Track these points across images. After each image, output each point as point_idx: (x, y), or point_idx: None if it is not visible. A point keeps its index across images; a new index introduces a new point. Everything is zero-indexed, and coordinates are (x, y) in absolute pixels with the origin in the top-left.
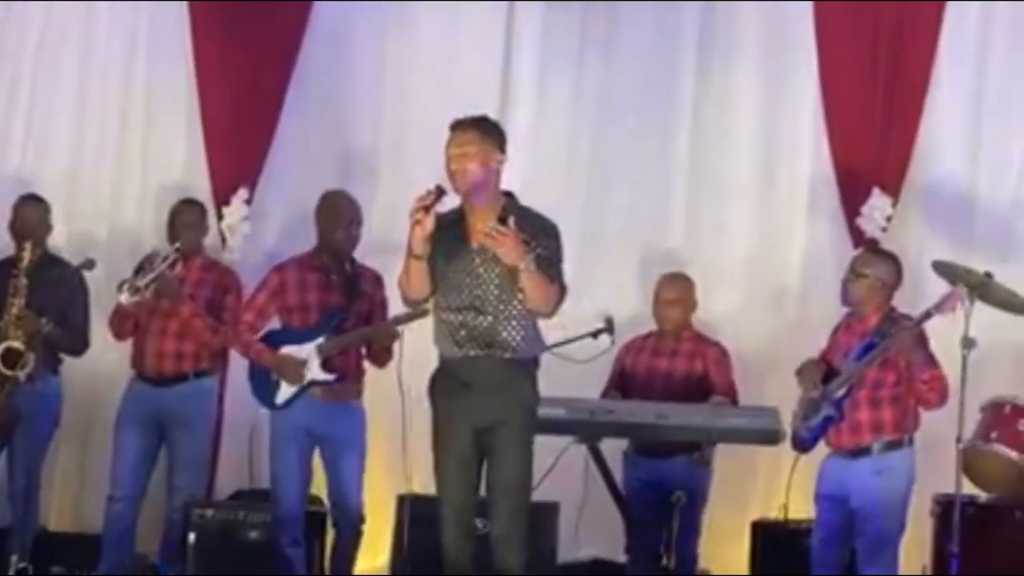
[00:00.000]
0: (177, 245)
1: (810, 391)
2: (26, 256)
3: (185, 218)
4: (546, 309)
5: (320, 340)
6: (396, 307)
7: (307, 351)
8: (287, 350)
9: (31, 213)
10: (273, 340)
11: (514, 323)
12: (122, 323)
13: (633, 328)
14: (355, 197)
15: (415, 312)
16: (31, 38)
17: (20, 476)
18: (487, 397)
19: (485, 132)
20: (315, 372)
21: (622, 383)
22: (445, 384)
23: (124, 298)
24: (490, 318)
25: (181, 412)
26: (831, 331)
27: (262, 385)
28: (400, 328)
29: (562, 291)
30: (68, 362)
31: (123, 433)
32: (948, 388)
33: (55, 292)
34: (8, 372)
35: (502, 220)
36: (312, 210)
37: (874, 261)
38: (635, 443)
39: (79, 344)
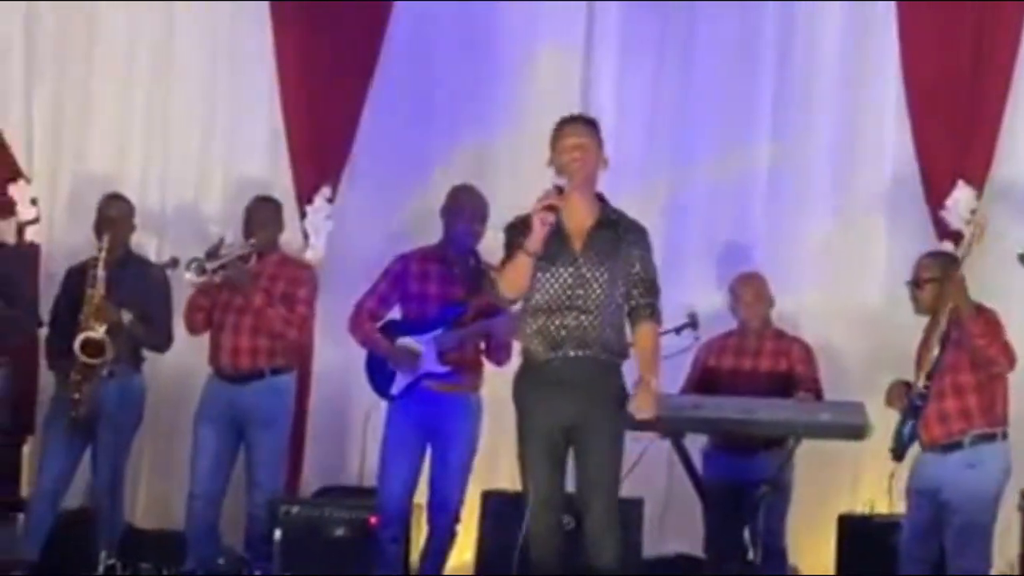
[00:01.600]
0: (252, 240)
1: (901, 403)
2: (104, 248)
3: (260, 215)
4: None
5: (437, 332)
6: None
7: (424, 342)
8: (404, 340)
9: (114, 211)
10: (391, 330)
11: (615, 324)
12: (193, 315)
13: (715, 326)
14: (483, 193)
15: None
16: (112, 40)
17: (105, 472)
18: (577, 394)
19: (595, 130)
20: (430, 364)
21: (704, 382)
22: (533, 383)
23: (189, 276)
24: (591, 318)
25: (258, 410)
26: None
27: (378, 374)
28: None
29: (660, 320)
30: (151, 359)
31: (202, 431)
32: (1012, 348)
33: (138, 289)
34: (90, 361)
35: (602, 223)
36: (395, 207)
37: (932, 264)
38: (717, 439)
39: (161, 340)
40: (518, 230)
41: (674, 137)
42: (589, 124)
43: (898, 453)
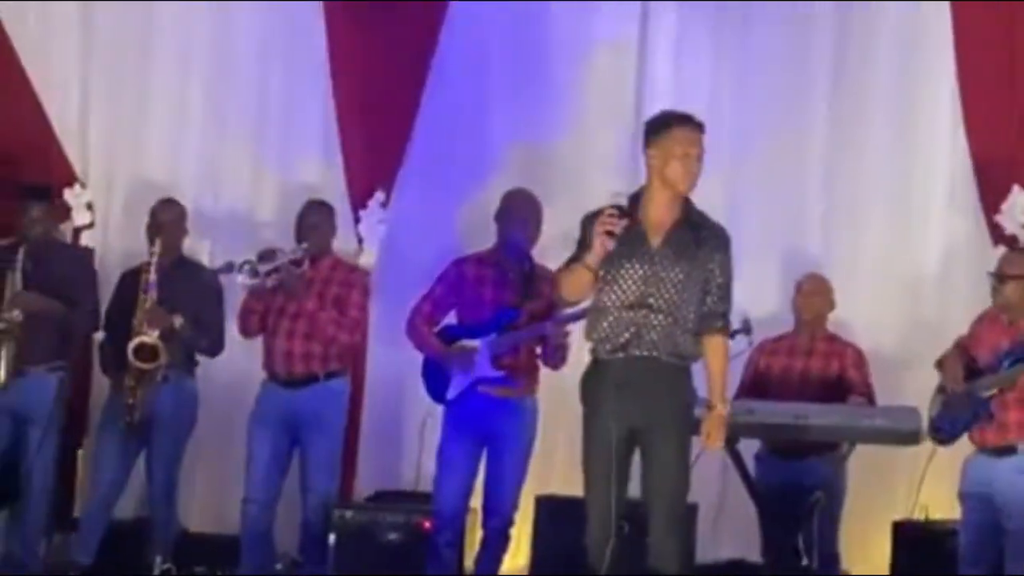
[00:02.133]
0: (304, 245)
1: (953, 384)
2: (156, 252)
3: (312, 219)
4: None
5: (492, 336)
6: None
7: (478, 347)
8: (460, 345)
9: (167, 216)
10: (447, 335)
11: (688, 328)
12: (246, 317)
13: (771, 329)
14: (539, 198)
15: (585, 311)
16: (166, 45)
17: (159, 477)
18: (645, 398)
19: (703, 131)
20: (485, 368)
21: (756, 384)
22: (600, 384)
23: (242, 279)
24: (664, 318)
25: (312, 414)
26: (974, 321)
27: (434, 379)
28: (571, 327)
29: (729, 330)
30: (205, 364)
31: (256, 435)
32: None
33: (191, 294)
34: (143, 366)
35: (683, 223)
36: (449, 211)
37: (1015, 261)
38: (770, 444)
39: (214, 345)
40: (593, 224)
41: (729, 138)
42: (700, 128)
43: (941, 440)
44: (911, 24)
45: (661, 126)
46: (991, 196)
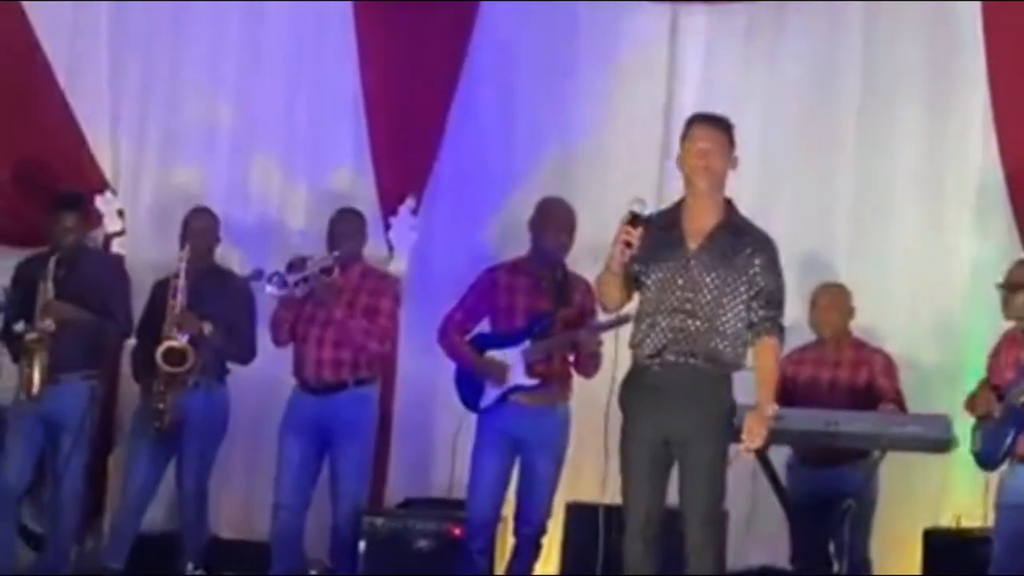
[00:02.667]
0: (335, 253)
1: (988, 410)
2: (185, 258)
3: (343, 227)
4: None
5: (525, 345)
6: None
7: (512, 355)
8: (492, 353)
9: (199, 224)
10: (480, 343)
11: (727, 335)
12: (278, 326)
13: (801, 336)
14: (571, 205)
15: (617, 319)
16: (196, 53)
17: (190, 483)
18: (684, 406)
19: (728, 131)
20: (518, 376)
21: (784, 394)
22: (639, 391)
23: (271, 290)
24: (701, 323)
25: (342, 421)
26: (990, 354)
27: (467, 387)
28: (603, 335)
29: (782, 339)
30: (236, 371)
31: (286, 442)
32: None
33: (222, 301)
34: (172, 370)
35: (722, 227)
36: (480, 218)
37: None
38: (800, 451)
39: (245, 352)
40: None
41: (758, 143)
42: (721, 125)
43: (993, 464)
44: (941, 27)
45: (685, 128)
46: (1021, 204)
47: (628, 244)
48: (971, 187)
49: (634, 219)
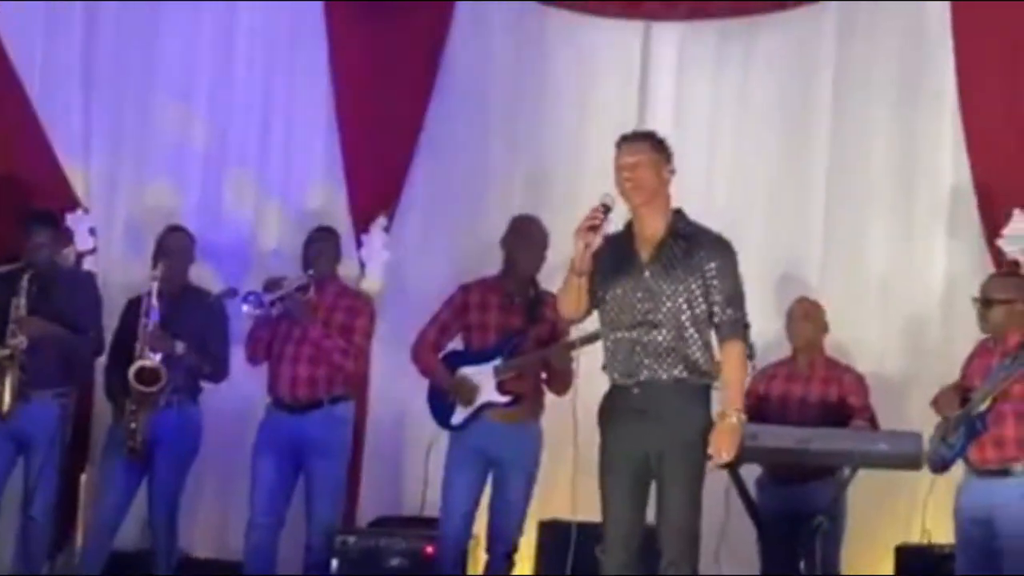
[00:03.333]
0: (310, 272)
1: (949, 413)
2: (157, 277)
3: (318, 246)
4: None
5: (497, 362)
6: (577, 333)
7: (484, 373)
8: (464, 371)
9: (173, 242)
10: (452, 361)
11: (697, 341)
12: (253, 345)
13: (774, 353)
14: (544, 223)
15: (588, 336)
16: (170, 71)
17: (162, 502)
18: (662, 423)
19: (655, 144)
20: (490, 394)
21: (756, 410)
22: (617, 410)
23: (247, 309)
24: (666, 332)
25: (317, 439)
26: (965, 361)
27: (439, 404)
28: (575, 353)
29: (747, 340)
30: (209, 390)
31: (260, 460)
32: None
33: (195, 320)
34: (144, 389)
35: (672, 235)
36: (453, 236)
37: (1006, 285)
38: (771, 468)
39: (218, 371)
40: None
41: (732, 157)
42: (645, 139)
43: (940, 467)
44: (913, 46)
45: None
46: (993, 220)
47: (594, 228)
48: (943, 200)
49: (605, 209)
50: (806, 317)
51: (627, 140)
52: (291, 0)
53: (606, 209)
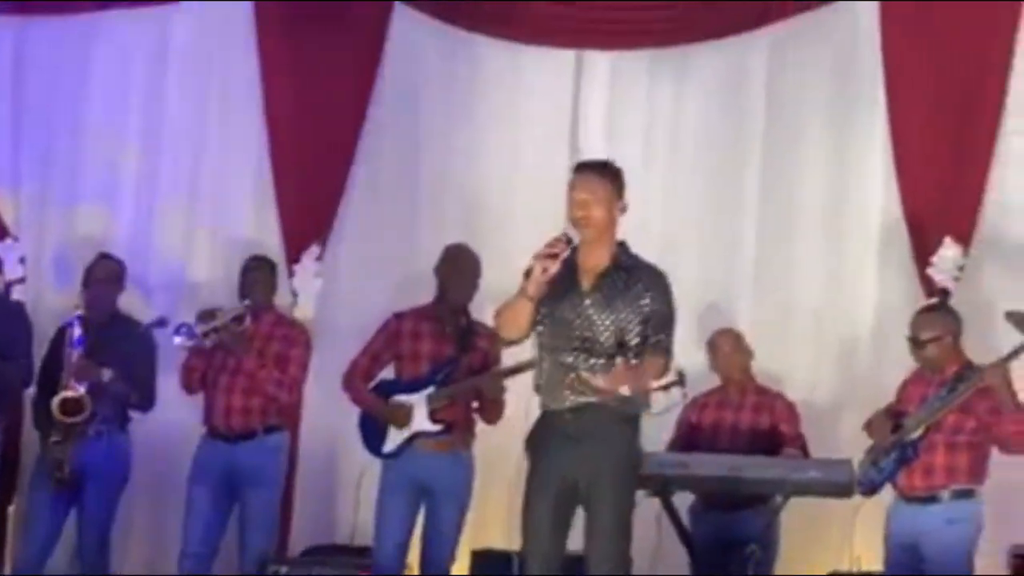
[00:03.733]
0: (246, 301)
1: (881, 439)
2: (82, 307)
3: (254, 275)
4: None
5: (429, 391)
6: (509, 361)
7: (416, 401)
8: (396, 399)
9: (102, 271)
10: (384, 389)
11: None
12: (188, 375)
13: (706, 383)
14: (476, 251)
15: (519, 365)
16: (101, 99)
17: (91, 532)
18: (587, 451)
19: (610, 177)
20: (422, 423)
21: (687, 439)
22: (547, 436)
23: (179, 341)
24: (600, 360)
25: (251, 469)
26: (900, 386)
27: (371, 433)
28: (507, 382)
29: (668, 359)
30: (140, 419)
31: (195, 490)
32: None
33: (123, 349)
34: (69, 420)
35: (614, 267)
36: (386, 264)
37: (933, 321)
38: (704, 497)
39: (145, 400)
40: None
41: (664, 186)
42: (600, 172)
43: (870, 490)
44: (845, 76)
45: (571, 176)
46: (923, 248)
47: (555, 256)
48: (873, 228)
49: (568, 241)
50: (736, 349)
51: (585, 170)
52: (224, 28)
53: (568, 241)
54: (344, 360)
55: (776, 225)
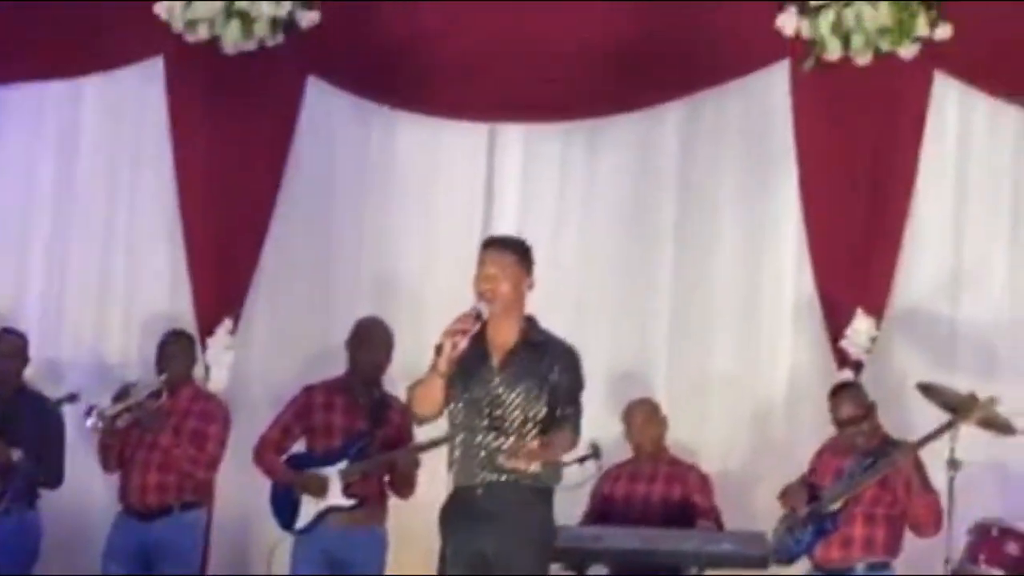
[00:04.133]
0: (163, 376)
1: (797, 508)
2: None
3: (171, 348)
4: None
5: (342, 465)
6: (422, 436)
7: (328, 475)
8: (309, 472)
9: (6, 347)
10: (296, 463)
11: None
12: (105, 455)
13: (620, 453)
14: (390, 325)
15: (433, 441)
16: (11, 170)
17: None
18: (504, 525)
19: (518, 254)
20: (335, 497)
21: (601, 511)
22: (459, 512)
23: (90, 423)
24: (512, 439)
25: (167, 546)
26: (814, 456)
27: (283, 507)
28: (421, 456)
29: (577, 432)
30: (51, 496)
31: (110, 567)
32: (942, 515)
33: (31, 425)
34: None
35: (524, 344)
36: (297, 338)
37: (847, 400)
38: (617, 570)
39: (53, 478)
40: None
41: (577, 259)
42: (508, 248)
43: (787, 560)
44: (756, 144)
45: (479, 251)
46: (835, 321)
47: (463, 332)
48: (786, 301)
49: (477, 316)
50: (650, 420)
51: (493, 246)
52: (135, 101)
53: (477, 316)
54: (256, 433)
55: (690, 295)
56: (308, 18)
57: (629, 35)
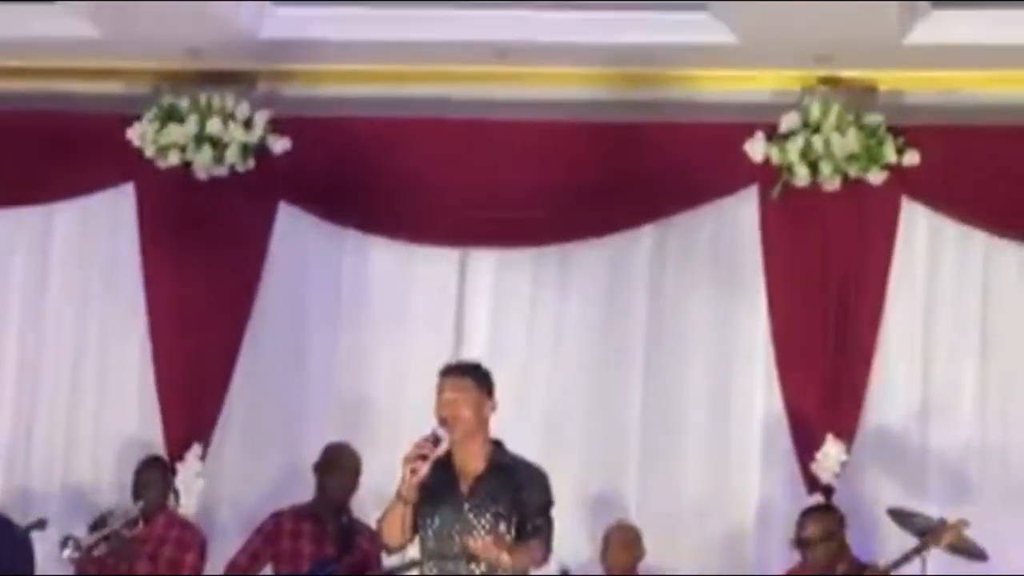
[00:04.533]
0: (140, 503)
1: None
2: None
3: (147, 476)
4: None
5: None
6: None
7: None
8: None
9: None
10: None
11: (508, 569)
12: None
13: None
14: (359, 450)
15: (406, 565)
16: None
17: None
18: None
19: (477, 379)
20: None
21: None
22: None
23: (67, 553)
24: (483, 567)
25: None
26: None
27: None
28: None
29: (548, 546)
30: None
31: None
32: None
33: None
34: None
35: (492, 469)
36: (269, 462)
37: (816, 524)
38: None
39: None
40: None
41: (547, 384)
42: (467, 373)
43: None
44: (726, 273)
45: (437, 380)
46: (805, 445)
47: (423, 458)
48: (756, 426)
49: (435, 440)
50: (626, 545)
51: (450, 374)
52: (106, 225)
53: (436, 440)
54: (226, 558)
55: (660, 419)
56: (280, 144)
57: (599, 161)
